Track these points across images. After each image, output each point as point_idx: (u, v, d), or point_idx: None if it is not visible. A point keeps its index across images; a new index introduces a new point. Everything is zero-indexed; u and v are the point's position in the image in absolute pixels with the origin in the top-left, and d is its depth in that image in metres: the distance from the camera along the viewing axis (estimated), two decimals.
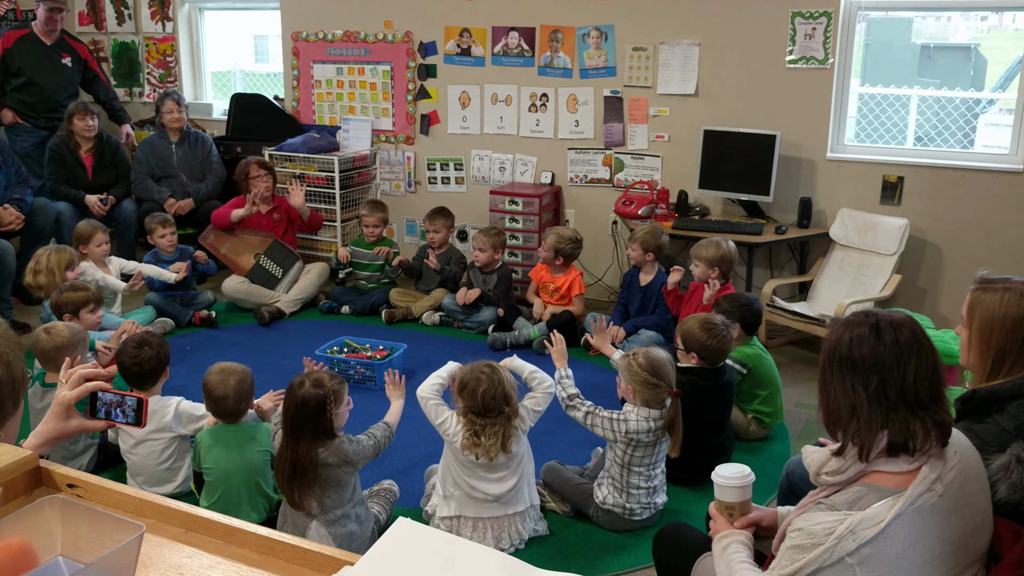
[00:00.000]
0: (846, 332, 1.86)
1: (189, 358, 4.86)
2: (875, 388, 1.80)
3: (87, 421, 1.92)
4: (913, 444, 1.76)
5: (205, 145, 6.36)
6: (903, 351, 1.80)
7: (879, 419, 1.78)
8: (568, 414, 3.30)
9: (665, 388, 3.16)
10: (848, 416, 1.82)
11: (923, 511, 1.72)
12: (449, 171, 6.40)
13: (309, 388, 2.85)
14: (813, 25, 5.18)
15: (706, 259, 4.50)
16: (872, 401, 1.80)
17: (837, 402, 1.85)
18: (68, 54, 6.51)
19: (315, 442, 2.85)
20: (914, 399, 1.79)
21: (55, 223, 5.79)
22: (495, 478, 3.05)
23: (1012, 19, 5.74)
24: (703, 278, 4.55)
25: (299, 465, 2.83)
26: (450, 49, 6.18)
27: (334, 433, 2.90)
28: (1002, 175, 4.98)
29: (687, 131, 5.59)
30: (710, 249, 4.51)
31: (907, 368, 1.80)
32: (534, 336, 5.09)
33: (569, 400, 3.29)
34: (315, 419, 2.83)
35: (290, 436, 2.86)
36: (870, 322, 1.85)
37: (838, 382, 1.85)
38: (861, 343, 1.82)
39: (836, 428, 1.86)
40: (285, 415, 2.89)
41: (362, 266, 5.85)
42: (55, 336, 3.58)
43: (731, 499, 2.19)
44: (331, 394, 2.85)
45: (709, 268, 4.50)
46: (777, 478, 3.57)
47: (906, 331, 1.83)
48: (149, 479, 3.45)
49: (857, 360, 1.82)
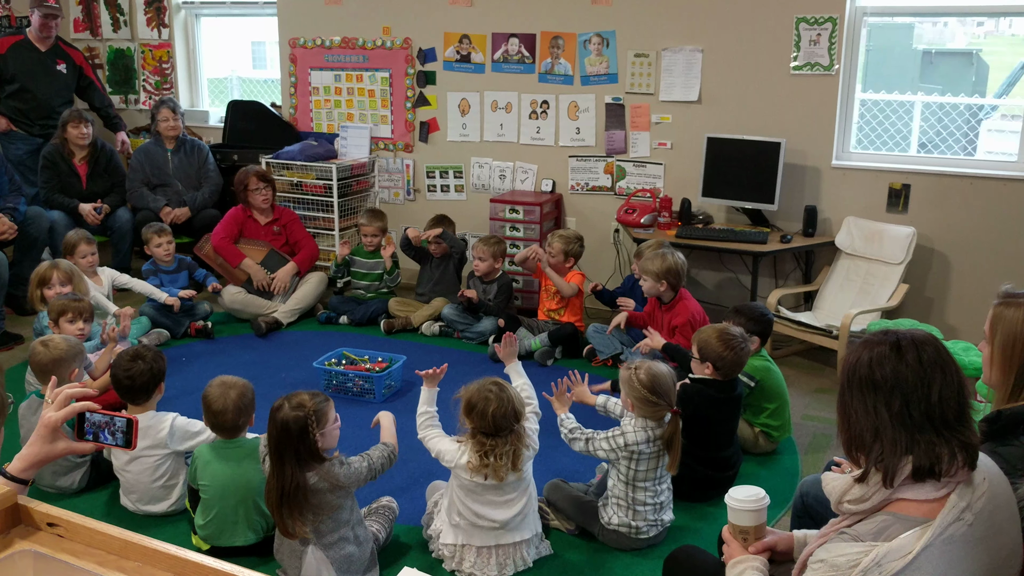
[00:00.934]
0: (866, 351, 1.78)
1: (185, 370, 4.77)
2: (899, 409, 1.72)
3: (74, 443, 1.85)
4: (939, 468, 1.68)
5: (201, 153, 6.29)
6: (926, 370, 1.73)
7: (904, 442, 1.71)
8: (572, 448, 3.24)
9: (664, 406, 3.08)
10: (871, 439, 1.75)
11: (952, 542, 1.64)
12: (449, 179, 6.33)
13: (288, 411, 2.74)
14: (818, 31, 5.11)
15: (652, 272, 4.43)
16: (896, 423, 1.72)
17: (859, 425, 1.77)
18: (63, 60, 6.44)
19: (302, 467, 2.74)
20: (940, 419, 1.71)
21: (49, 232, 5.70)
22: (503, 501, 2.95)
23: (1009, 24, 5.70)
24: (652, 293, 4.50)
25: (286, 491, 2.72)
26: (449, 56, 6.11)
27: (322, 456, 2.79)
28: (1010, 183, 4.91)
29: (690, 138, 5.52)
30: (656, 262, 4.42)
31: (931, 387, 1.72)
32: (536, 347, 5.02)
33: (571, 433, 3.24)
34: (298, 443, 2.73)
35: (275, 462, 2.76)
36: (890, 340, 1.77)
37: (859, 404, 1.77)
38: (882, 362, 1.75)
39: (858, 452, 1.78)
40: (269, 440, 2.79)
41: (360, 275, 5.77)
42: (52, 349, 3.49)
43: (745, 523, 2.11)
44: (312, 415, 2.74)
45: (656, 282, 4.43)
46: (787, 493, 3.53)
47: (929, 349, 1.76)
48: (143, 497, 3.37)
49: (879, 380, 1.75)
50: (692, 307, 4.45)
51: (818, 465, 3.83)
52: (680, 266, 4.44)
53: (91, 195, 6.02)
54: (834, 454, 3.86)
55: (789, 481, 3.70)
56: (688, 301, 4.47)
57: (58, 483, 3.52)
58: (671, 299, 4.47)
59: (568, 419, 3.30)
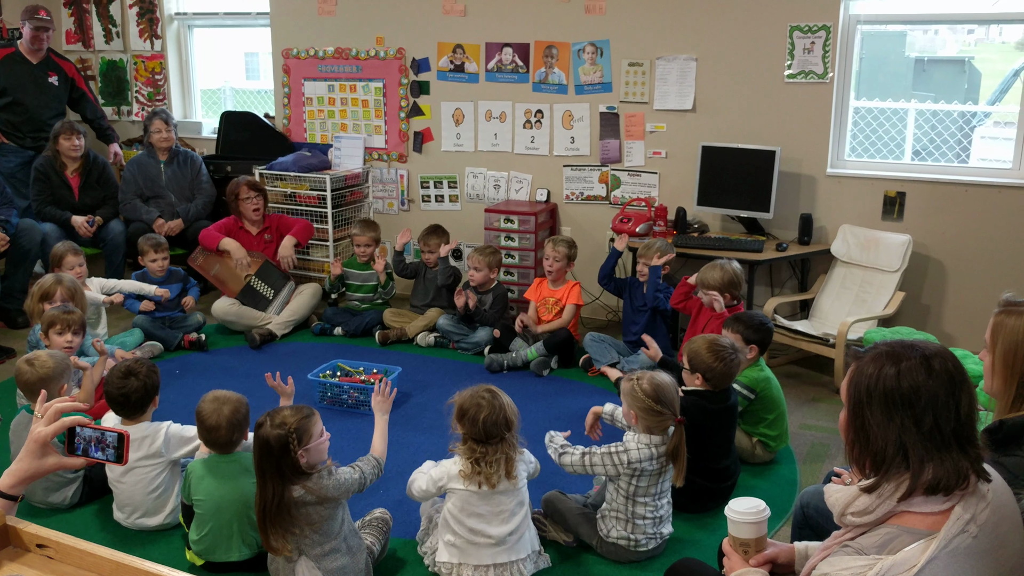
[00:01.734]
0: (890, 366, 1.71)
1: (178, 383, 4.74)
2: (930, 426, 1.67)
3: (64, 459, 1.81)
4: (956, 483, 1.64)
5: (194, 164, 6.26)
6: (956, 385, 1.68)
7: (931, 458, 1.66)
8: (563, 464, 3.16)
9: (669, 416, 3.05)
10: (894, 455, 1.69)
11: (957, 554, 1.61)
12: (443, 189, 6.31)
13: (270, 429, 2.72)
14: (812, 39, 5.11)
15: (712, 285, 4.33)
16: (926, 439, 1.66)
17: (883, 440, 1.70)
18: (55, 73, 6.41)
19: (284, 483, 2.71)
20: (966, 436, 1.67)
21: (41, 245, 5.66)
22: (497, 513, 2.92)
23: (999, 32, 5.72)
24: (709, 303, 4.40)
25: (268, 507, 2.70)
26: (443, 65, 6.10)
27: (305, 472, 2.75)
28: (1005, 190, 4.91)
29: (685, 147, 5.51)
30: (715, 273, 4.35)
31: (960, 403, 1.68)
32: (531, 357, 4.99)
33: (561, 449, 3.18)
34: (279, 460, 2.70)
35: (258, 478, 2.75)
36: (918, 355, 1.71)
37: (882, 419, 1.70)
38: (913, 376, 1.69)
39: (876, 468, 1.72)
40: (253, 456, 2.77)
41: (355, 287, 5.75)
42: (39, 367, 3.44)
43: (746, 535, 2.09)
44: (293, 433, 2.70)
45: (720, 293, 4.33)
46: (785, 503, 3.51)
47: (952, 363, 1.71)
48: (137, 509, 3.33)
49: (910, 396, 1.68)
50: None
51: (816, 475, 3.80)
52: (739, 275, 4.37)
53: (83, 207, 5.98)
54: (832, 463, 3.84)
55: (787, 491, 3.68)
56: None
57: (49, 499, 3.48)
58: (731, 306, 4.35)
59: (556, 434, 3.27)
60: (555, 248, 5.22)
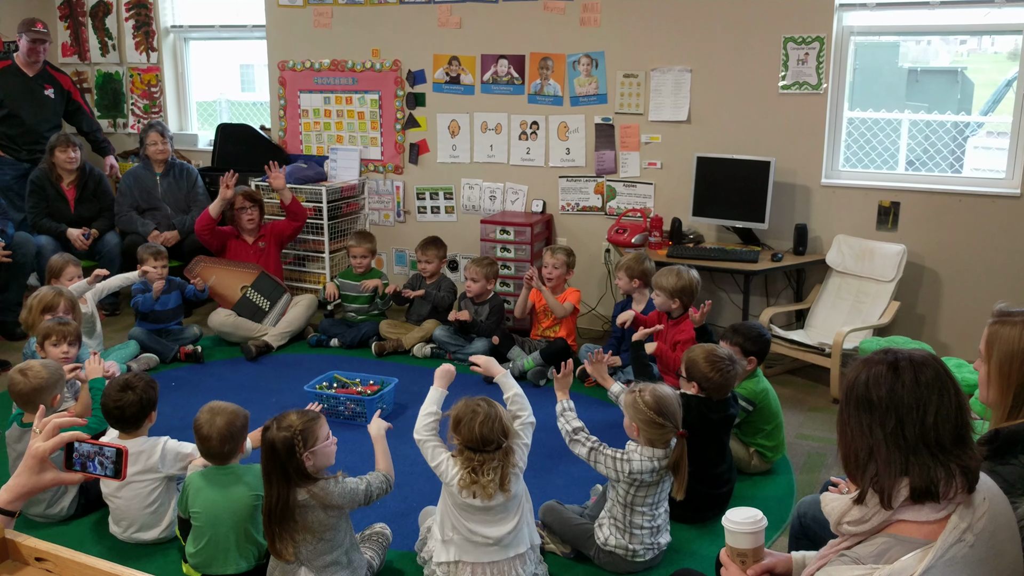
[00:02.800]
0: (864, 370, 1.77)
1: (174, 395, 4.73)
2: (892, 429, 1.70)
3: (62, 474, 1.81)
4: (936, 490, 1.66)
5: (190, 176, 6.27)
6: (923, 391, 1.71)
7: (898, 463, 1.69)
8: (571, 448, 3.19)
9: (671, 428, 3.05)
10: (866, 459, 1.73)
11: (954, 563, 1.62)
12: (439, 200, 6.32)
13: (276, 431, 2.77)
14: (806, 50, 5.14)
15: (666, 289, 4.45)
16: (890, 443, 1.70)
17: (855, 444, 1.75)
18: (50, 85, 6.42)
19: (289, 486, 2.75)
20: (935, 442, 1.69)
21: (36, 257, 5.66)
22: (494, 520, 2.92)
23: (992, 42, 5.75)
24: (664, 308, 4.52)
25: (273, 510, 2.75)
26: (439, 77, 6.12)
27: (311, 476, 2.78)
28: (999, 199, 4.94)
29: (680, 158, 5.53)
30: (670, 279, 4.45)
31: (927, 409, 1.70)
32: (528, 366, 4.99)
33: (574, 434, 3.19)
34: (285, 462, 2.74)
35: (265, 481, 2.79)
36: (888, 360, 1.75)
37: (855, 422, 1.76)
38: (879, 382, 1.73)
39: (855, 472, 1.77)
40: (261, 460, 2.81)
41: (351, 298, 5.75)
42: (32, 377, 3.43)
43: (743, 545, 2.08)
44: (298, 435, 2.75)
45: (669, 299, 4.45)
46: (782, 513, 3.51)
47: (928, 371, 1.73)
48: (133, 523, 3.32)
49: (874, 400, 1.73)
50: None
51: (813, 485, 3.81)
52: (695, 285, 4.48)
53: (79, 220, 5.98)
54: (829, 473, 3.84)
55: (784, 501, 3.68)
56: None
57: (46, 511, 3.47)
58: (680, 315, 4.48)
59: (570, 411, 3.26)
60: (554, 256, 5.24)
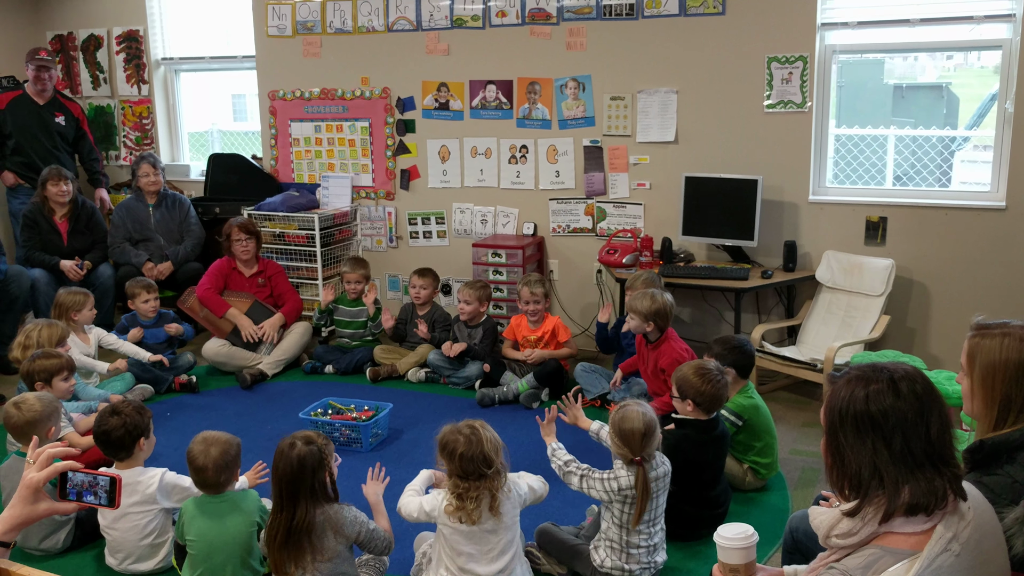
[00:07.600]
0: (860, 388, 1.75)
1: (169, 425, 4.73)
2: (900, 447, 1.70)
3: (56, 504, 1.82)
4: (934, 503, 1.67)
5: (183, 207, 6.30)
6: (924, 404, 1.72)
7: (904, 479, 1.69)
8: (566, 482, 3.20)
9: (627, 452, 3.06)
10: (869, 477, 1.72)
11: (941, 572, 1.63)
12: (431, 225, 6.35)
13: (302, 447, 2.80)
14: (789, 70, 5.20)
15: (640, 312, 4.42)
16: (897, 460, 1.70)
17: (857, 463, 1.74)
18: (61, 113, 6.60)
19: (316, 501, 2.79)
20: (938, 455, 1.71)
21: (31, 290, 5.68)
22: (485, 552, 2.88)
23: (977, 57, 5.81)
24: (638, 331, 4.49)
25: (294, 530, 2.76)
26: (428, 104, 6.17)
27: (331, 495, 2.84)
28: (984, 212, 4.98)
29: (668, 178, 5.58)
30: (644, 302, 4.42)
31: (930, 422, 1.71)
32: (522, 389, 5.01)
33: (565, 467, 3.20)
34: (314, 477, 2.79)
35: (286, 501, 2.78)
36: (885, 377, 1.75)
37: (855, 442, 1.74)
38: (880, 399, 1.73)
39: (855, 491, 1.76)
40: (279, 481, 2.80)
41: (344, 324, 5.76)
42: (26, 411, 3.45)
43: (735, 560, 2.10)
44: (324, 448, 2.83)
45: (644, 321, 4.43)
46: (776, 529, 3.51)
47: (920, 383, 1.75)
48: (130, 555, 3.32)
49: (879, 418, 1.72)
50: (678, 347, 4.42)
51: (807, 500, 3.81)
52: (668, 308, 4.42)
53: (72, 252, 6.00)
54: (823, 489, 3.85)
55: (779, 517, 3.68)
56: (674, 342, 4.44)
57: (42, 544, 3.46)
58: (657, 339, 4.47)
59: (560, 450, 3.28)
60: (532, 291, 5.21)
